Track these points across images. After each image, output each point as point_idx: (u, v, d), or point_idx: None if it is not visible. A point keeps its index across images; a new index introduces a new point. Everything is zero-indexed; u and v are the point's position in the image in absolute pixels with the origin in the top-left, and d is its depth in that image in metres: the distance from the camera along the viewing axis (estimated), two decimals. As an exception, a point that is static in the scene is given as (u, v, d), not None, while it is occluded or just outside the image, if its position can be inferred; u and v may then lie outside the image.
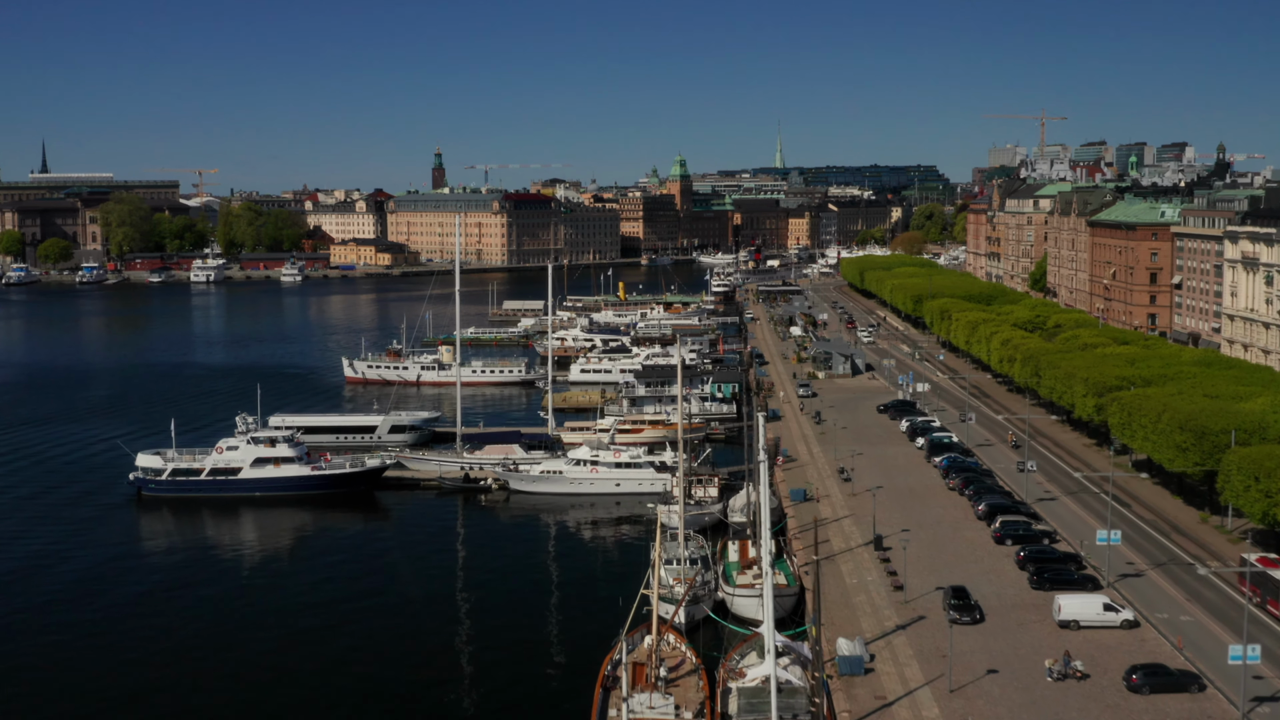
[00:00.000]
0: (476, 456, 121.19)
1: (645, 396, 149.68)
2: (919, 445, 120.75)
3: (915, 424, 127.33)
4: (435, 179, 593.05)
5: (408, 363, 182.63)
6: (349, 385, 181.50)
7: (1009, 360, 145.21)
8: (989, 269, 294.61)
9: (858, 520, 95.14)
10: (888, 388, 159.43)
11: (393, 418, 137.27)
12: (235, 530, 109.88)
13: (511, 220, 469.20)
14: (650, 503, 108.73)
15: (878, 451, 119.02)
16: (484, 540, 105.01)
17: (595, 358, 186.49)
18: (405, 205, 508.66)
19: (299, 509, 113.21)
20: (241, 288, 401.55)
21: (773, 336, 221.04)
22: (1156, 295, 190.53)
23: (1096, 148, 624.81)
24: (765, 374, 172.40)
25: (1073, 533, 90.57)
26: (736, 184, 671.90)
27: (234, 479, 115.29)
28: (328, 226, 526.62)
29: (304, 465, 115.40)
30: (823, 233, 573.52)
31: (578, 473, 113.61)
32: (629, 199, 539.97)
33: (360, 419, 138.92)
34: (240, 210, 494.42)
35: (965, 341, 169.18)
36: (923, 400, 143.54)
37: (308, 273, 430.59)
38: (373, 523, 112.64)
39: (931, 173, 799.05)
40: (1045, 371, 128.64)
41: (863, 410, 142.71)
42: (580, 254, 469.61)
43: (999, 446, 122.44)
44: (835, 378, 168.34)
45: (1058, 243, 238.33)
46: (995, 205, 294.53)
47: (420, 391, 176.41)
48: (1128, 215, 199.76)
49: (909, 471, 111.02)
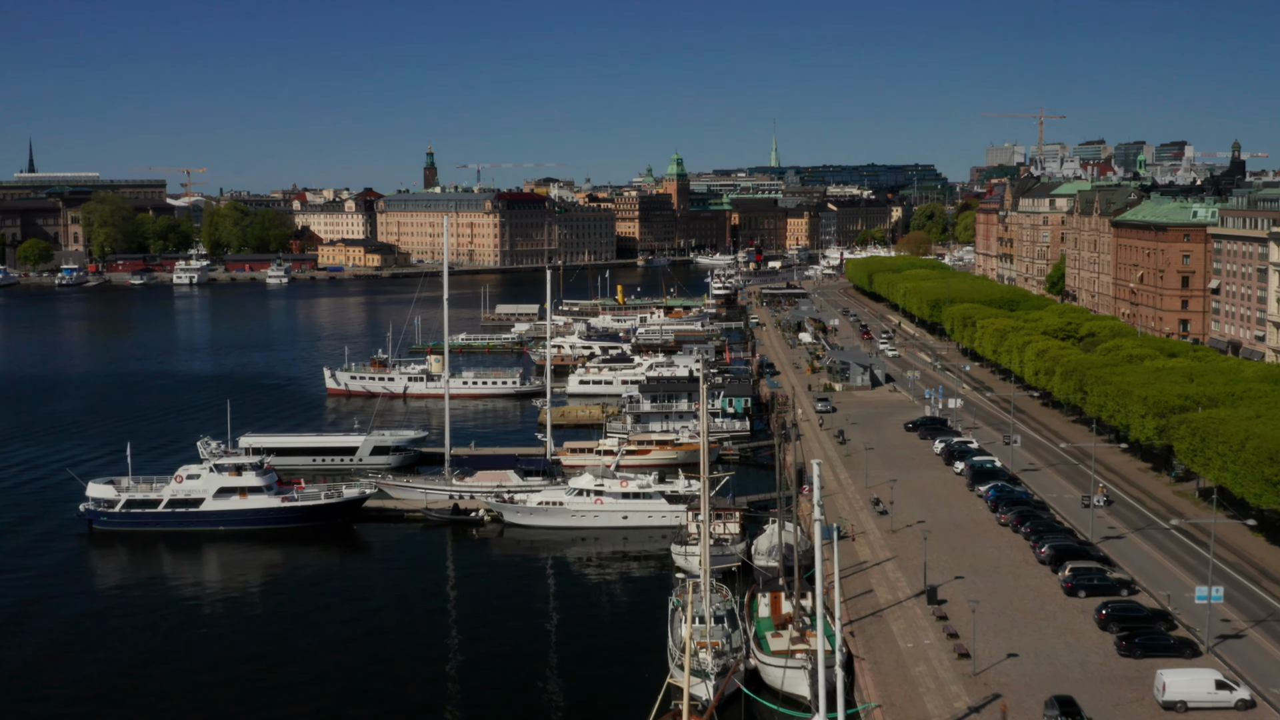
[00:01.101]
0: (467, 484, 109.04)
1: (651, 413, 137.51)
2: (958, 471, 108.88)
3: (951, 446, 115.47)
4: (427, 178, 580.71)
5: (394, 373, 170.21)
6: (331, 397, 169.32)
7: (1046, 373, 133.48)
8: (1000, 270, 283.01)
9: (903, 564, 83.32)
10: (912, 402, 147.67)
11: (375, 438, 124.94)
12: (196, 569, 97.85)
13: (504, 220, 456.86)
14: (664, 536, 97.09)
15: (912, 478, 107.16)
16: (475, 583, 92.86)
17: (594, 367, 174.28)
18: (395, 205, 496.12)
19: (268, 545, 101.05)
20: (225, 290, 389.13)
21: (781, 343, 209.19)
22: (1189, 300, 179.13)
23: (1095, 146, 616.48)
24: (777, 386, 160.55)
25: (1151, 580, 78.70)
26: (732, 183, 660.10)
27: (195, 511, 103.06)
28: (316, 227, 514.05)
29: (273, 496, 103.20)
30: (822, 233, 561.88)
31: (580, 504, 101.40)
32: (624, 198, 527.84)
33: (339, 439, 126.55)
34: (226, 210, 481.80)
35: (993, 351, 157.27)
36: (954, 417, 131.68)
37: (294, 274, 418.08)
38: (350, 561, 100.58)
39: (930, 172, 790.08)
40: (1093, 387, 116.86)
41: (889, 428, 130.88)
42: (575, 255, 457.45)
43: (1046, 471, 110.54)
44: (853, 390, 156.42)
45: (1077, 244, 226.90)
46: (1007, 205, 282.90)
47: (407, 404, 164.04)
48: (1156, 215, 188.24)
49: (951, 503, 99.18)
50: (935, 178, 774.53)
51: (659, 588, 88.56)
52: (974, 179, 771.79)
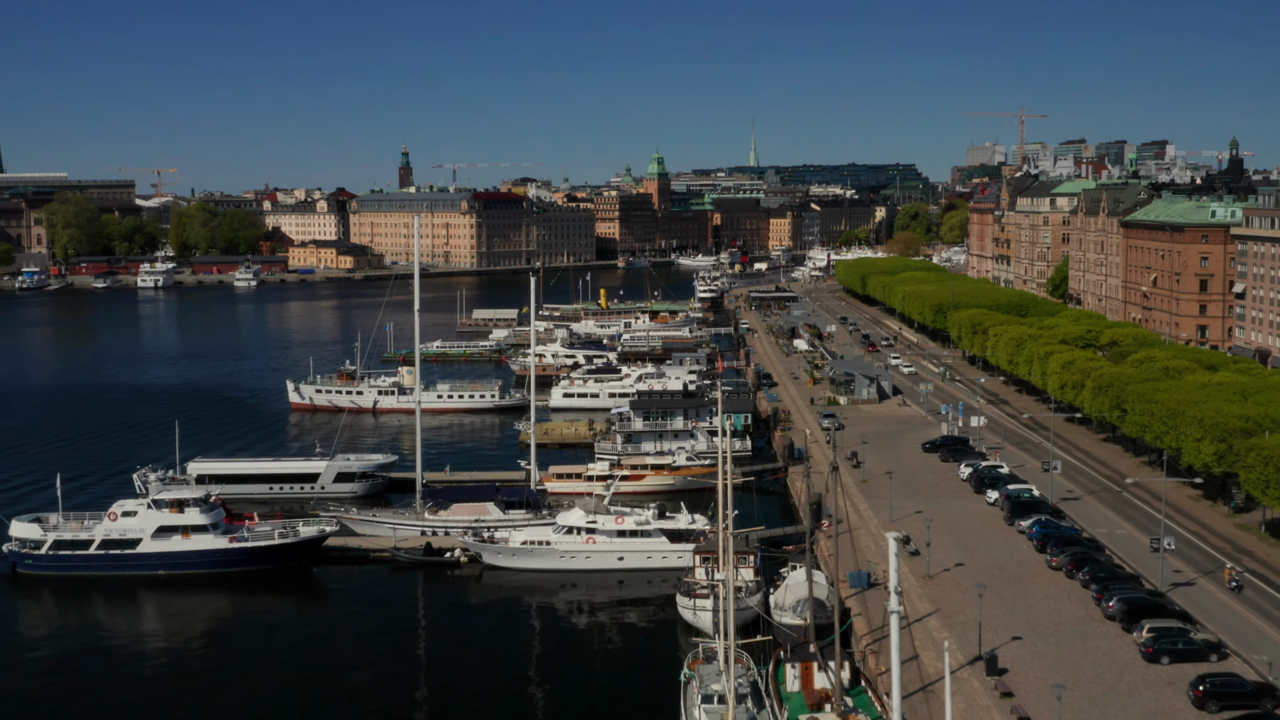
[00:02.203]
0: (441, 518, 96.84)
1: (643, 431, 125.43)
2: (991, 500, 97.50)
3: (980, 471, 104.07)
4: (402, 178, 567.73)
5: (362, 386, 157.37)
6: (294, 413, 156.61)
7: (1074, 387, 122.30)
8: (996, 272, 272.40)
9: (947, 619, 71.84)
10: (925, 418, 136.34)
11: (339, 463, 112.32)
12: (132, 619, 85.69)
13: (481, 221, 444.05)
14: (664, 580, 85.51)
15: (940, 509, 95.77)
16: (450, 637, 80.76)
17: (579, 378, 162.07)
18: (369, 205, 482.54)
19: (214, 591, 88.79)
20: (192, 294, 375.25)
21: (775, 351, 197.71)
22: (1207, 304, 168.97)
23: (1076, 146, 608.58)
24: (777, 399, 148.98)
25: (1240, 640, 67.45)
26: (712, 183, 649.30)
27: (132, 554, 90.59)
28: (287, 228, 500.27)
29: (220, 535, 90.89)
30: (805, 233, 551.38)
31: (569, 544, 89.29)
32: (604, 198, 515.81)
33: (299, 465, 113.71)
34: (193, 211, 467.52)
35: (1009, 361, 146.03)
36: (976, 436, 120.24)
37: (263, 277, 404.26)
38: (308, 610, 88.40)
39: (911, 171, 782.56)
40: (1134, 405, 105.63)
41: (905, 448, 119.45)
42: (554, 256, 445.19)
43: (1088, 501, 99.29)
44: (860, 404, 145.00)
45: (1082, 245, 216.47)
46: (1004, 204, 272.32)
47: (377, 420, 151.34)
48: (1171, 215, 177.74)
49: (990, 540, 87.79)
50: (916, 177, 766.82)
51: (662, 644, 77.10)
52: (955, 178, 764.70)
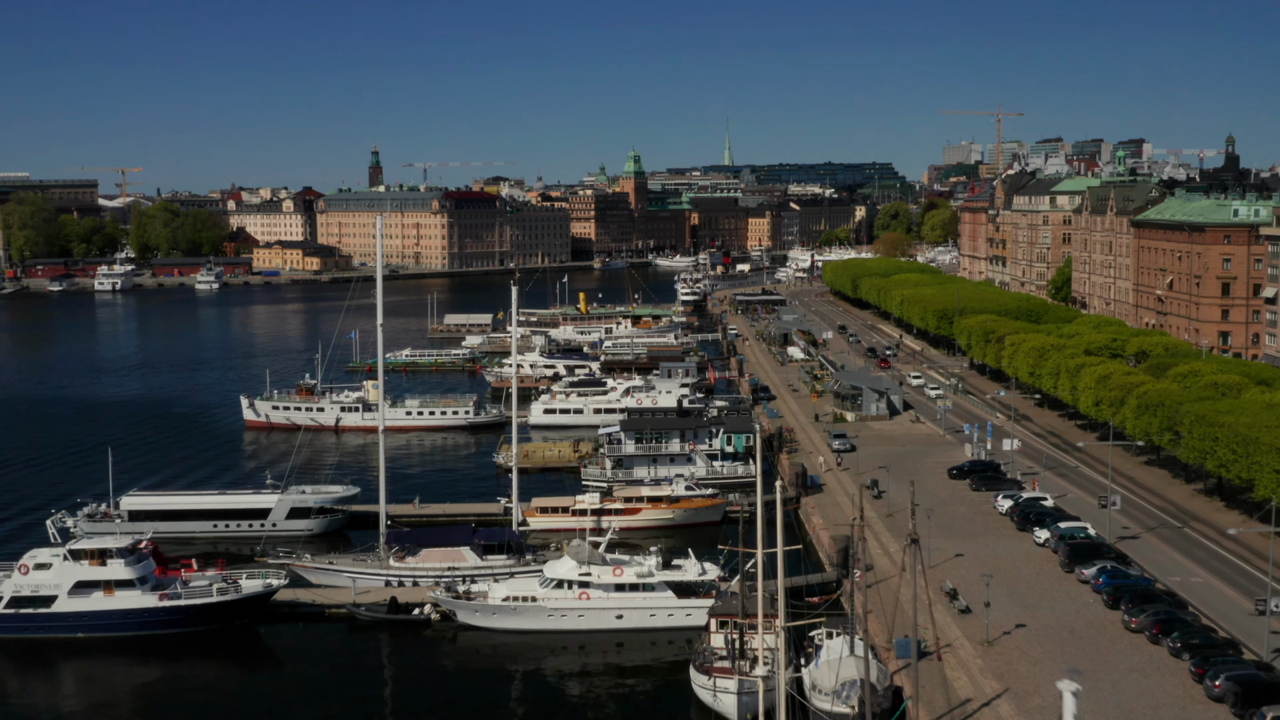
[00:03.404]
0: (409, 566, 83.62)
1: (636, 455, 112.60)
2: (1040, 541, 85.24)
3: (1021, 504, 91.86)
4: (372, 177, 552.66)
5: (323, 402, 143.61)
6: (249, 431, 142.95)
7: (1111, 404, 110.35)
8: (991, 274, 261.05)
9: (1019, 701, 59.54)
10: (943, 437, 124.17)
11: (293, 496, 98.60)
12: (47, 692, 72.40)
13: (453, 220, 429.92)
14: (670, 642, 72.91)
15: (983, 551, 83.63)
16: (419, 712, 67.97)
17: (561, 392, 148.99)
18: (336, 204, 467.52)
19: (142, 657, 75.43)
20: (152, 297, 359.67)
21: (768, 359, 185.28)
22: (1229, 309, 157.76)
23: (1053, 144, 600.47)
24: (778, 415, 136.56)
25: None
26: (688, 182, 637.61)
27: (45, 613, 77.10)
28: (252, 228, 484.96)
29: (149, 591, 77.53)
30: (784, 233, 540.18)
31: (559, 600, 76.08)
32: (579, 197, 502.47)
33: (246, 499, 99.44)
34: (155, 211, 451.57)
35: (1030, 373, 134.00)
36: (1008, 461, 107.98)
37: (226, 279, 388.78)
38: (252, 679, 74.99)
39: (888, 170, 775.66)
40: (1193, 429, 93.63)
41: (927, 474, 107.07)
42: (528, 257, 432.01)
43: (1149, 540, 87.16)
44: (869, 420, 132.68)
45: (1088, 245, 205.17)
46: (999, 203, 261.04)
47: (340, 440, 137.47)
48: (1189, 214, 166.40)
49: (1049, 592, 75.45)
50: (894, 176, 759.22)
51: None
52: (932, 177, 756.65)
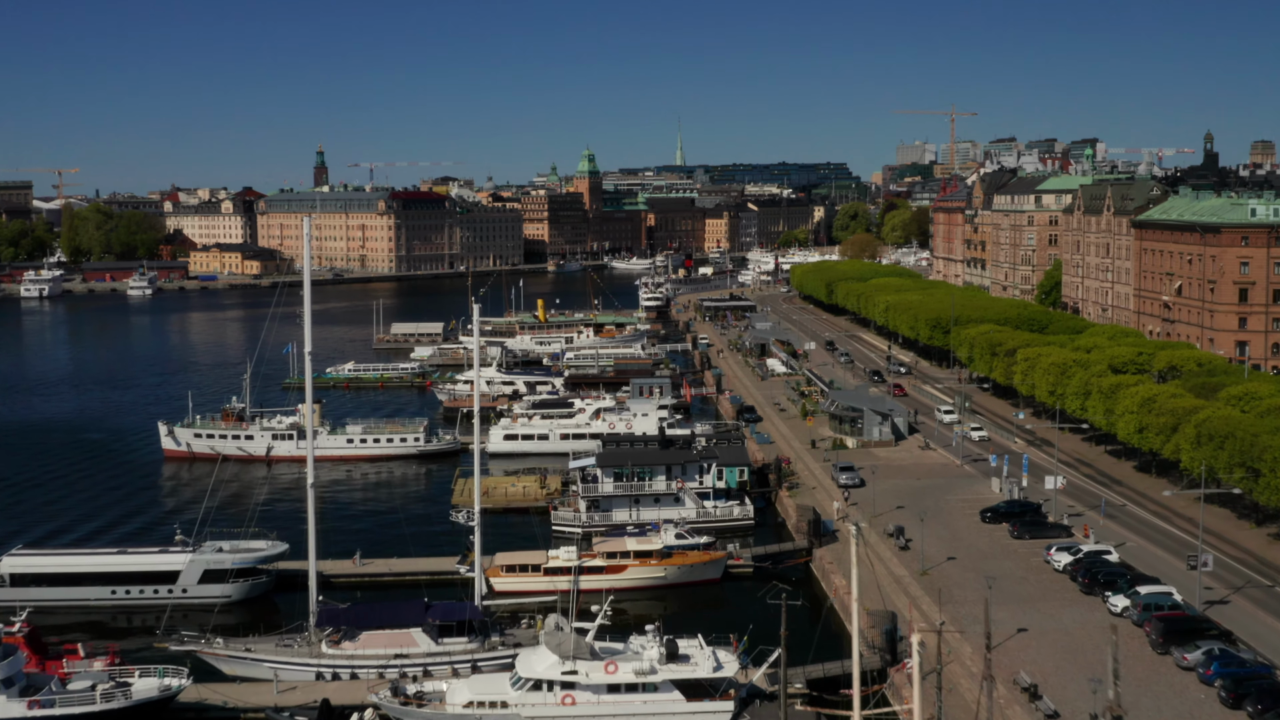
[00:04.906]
0: (346, 654, 66.91)
1: (614, 496, 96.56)
2: (1118, 610, 70.16)
3: (1085, 562, 76.74)
4: (317, 177, 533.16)
5: (253, 428, 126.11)
6: (168, 462, 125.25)
7: (1160, 431, 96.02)
8: (968, 277, 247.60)
9: None
10: (959, 465, 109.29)
11: (207, 555, 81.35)
12: None
13: (400, 222, 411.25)
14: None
15: (1048, 622, 68.69)
16: None
17: (523, 414, 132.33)
18: (277, 205, 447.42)
19: (-1, 784, 59.05)
20: (83, 303, 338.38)
21: (746, 373, 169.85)
22: (1247, 317, 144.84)
23: (1008, 144, 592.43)
24: (767, 439, 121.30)
25: None
26: (641, 182, 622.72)
27: None
28: (190, 230, 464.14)
29: (14, 696, 60.54)
30: (743, 234, 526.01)
31: (537, 706, 59.85)
32: (532, 198, 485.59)
33: (151, 559, 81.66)
34: (88, 213, 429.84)
35: (1050, 392, 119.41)
36: (1046, 500, 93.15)
37: (160, 284, 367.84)
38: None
39: (843, 170, 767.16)
40: (1277, 468, 79.33)
41: (955, 515, 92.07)
42: (479, 259, 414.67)
43: (1241, 604, 72.50)
44: (872, 446, 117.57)
45: (1080, 247, 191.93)
46: (977, 203, 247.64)
47: (272, 474, 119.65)
48: (1201, 214, 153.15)
49: (1149, 684, 60.46)
50: (849, 177, 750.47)
51: None
52: (887, 177, 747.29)
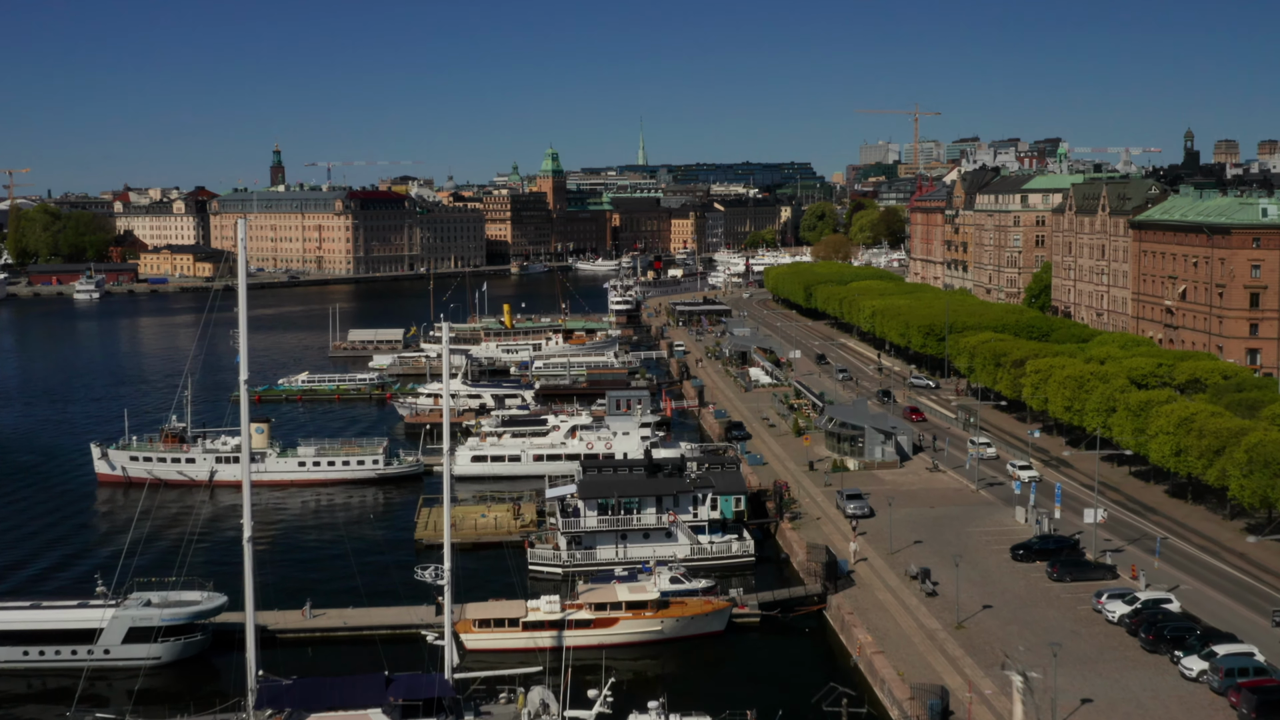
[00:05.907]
0: (291, 739, 56.71)
1: (599, 531, 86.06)
2: (1194, 674, 60.51)
3: (1146, 614, 67.04)
4: (273, 177, 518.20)
5: (194, 451, 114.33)
6: (101, 488, 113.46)
7: (1203, 455, 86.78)
8: (949, 280, 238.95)
9: None
10: (976, 492, 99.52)
11: (133, 610, 69.75)
12: None
13: (358, 222, 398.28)
14: None
15: (1113, 689, 58.94)
16: None
17: (492, 432, 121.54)
18: (231, 205, 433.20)
19: None
20: (27, 308, 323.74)
21: (725, 382, 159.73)
22: (1259, 323, 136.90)
23: (970, 144, 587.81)
24: (760, 460, 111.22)
25: None
26: (604, 182, 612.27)
27: None
28: (140, 231, 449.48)
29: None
30: (709, 234, 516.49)
31: (523, 810, 50.02)
32: (494, 197, 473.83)
33: (67, 615, 70.07)
34: (34, 213, 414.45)
35: (1067, 408, 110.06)
36: (1079, 532, 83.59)
37: (108, 287, 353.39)
38: None
39: (807, 170, 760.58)
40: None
41: (982, 552, 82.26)
42: (440, 261, 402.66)
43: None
44: (874, 468, 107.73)
45: (1072, 249, 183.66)
46: (958, 203, 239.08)
47: (215, 501, 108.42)
48: (1208, 214, 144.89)
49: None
50: (813, 176, 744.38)
51: None
52: (850, 177, 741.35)
